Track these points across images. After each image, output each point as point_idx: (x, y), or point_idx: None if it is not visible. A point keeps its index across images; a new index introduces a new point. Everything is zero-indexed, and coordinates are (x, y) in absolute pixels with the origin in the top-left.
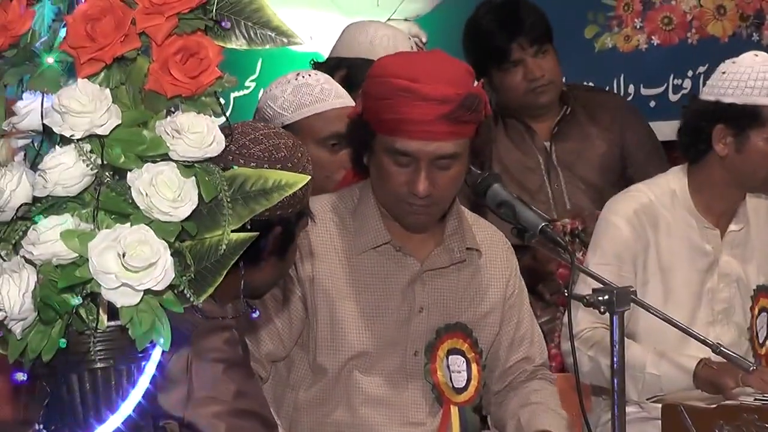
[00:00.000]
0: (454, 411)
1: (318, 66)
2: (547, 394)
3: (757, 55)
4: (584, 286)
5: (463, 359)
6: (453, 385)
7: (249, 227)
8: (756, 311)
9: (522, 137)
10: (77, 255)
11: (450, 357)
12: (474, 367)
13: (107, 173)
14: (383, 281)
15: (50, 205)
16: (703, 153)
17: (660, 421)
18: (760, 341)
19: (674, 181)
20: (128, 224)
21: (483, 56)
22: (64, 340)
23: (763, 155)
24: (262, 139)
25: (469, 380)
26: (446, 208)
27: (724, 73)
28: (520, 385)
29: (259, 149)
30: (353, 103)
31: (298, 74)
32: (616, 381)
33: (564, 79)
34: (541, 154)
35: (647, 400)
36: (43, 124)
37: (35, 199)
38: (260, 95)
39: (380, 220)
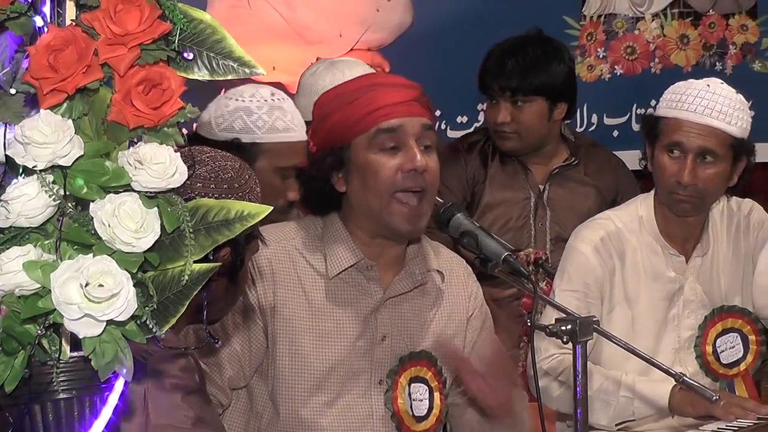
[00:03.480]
0: None
1: None
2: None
3: (709, 84)
4: (551, 313)
5: (425, 387)
6: (413, 413)
7: None
8: (711, 333)
9: (516, 173)
10: (40, 286)
11: (412, 385)
12: (437, 395)
13: (70, 204)
14: (345, 309)
15: (13, 235)
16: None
17: None
18: (722, 362)
19: (642, 206)
20: (91, 255)
21: (480, 80)
22: (26, 371)
23: (660, 168)
24: (208, 161)
25: (430, 409)
26: (431, 210)
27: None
28: None
29: (205, 170)
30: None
31: (273, 93)
32: (579, 411)
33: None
34: (533, 191)
35: (616, 426)
36: (6, 155)
37: None
38: (226, 100)
39: (350, 240)
